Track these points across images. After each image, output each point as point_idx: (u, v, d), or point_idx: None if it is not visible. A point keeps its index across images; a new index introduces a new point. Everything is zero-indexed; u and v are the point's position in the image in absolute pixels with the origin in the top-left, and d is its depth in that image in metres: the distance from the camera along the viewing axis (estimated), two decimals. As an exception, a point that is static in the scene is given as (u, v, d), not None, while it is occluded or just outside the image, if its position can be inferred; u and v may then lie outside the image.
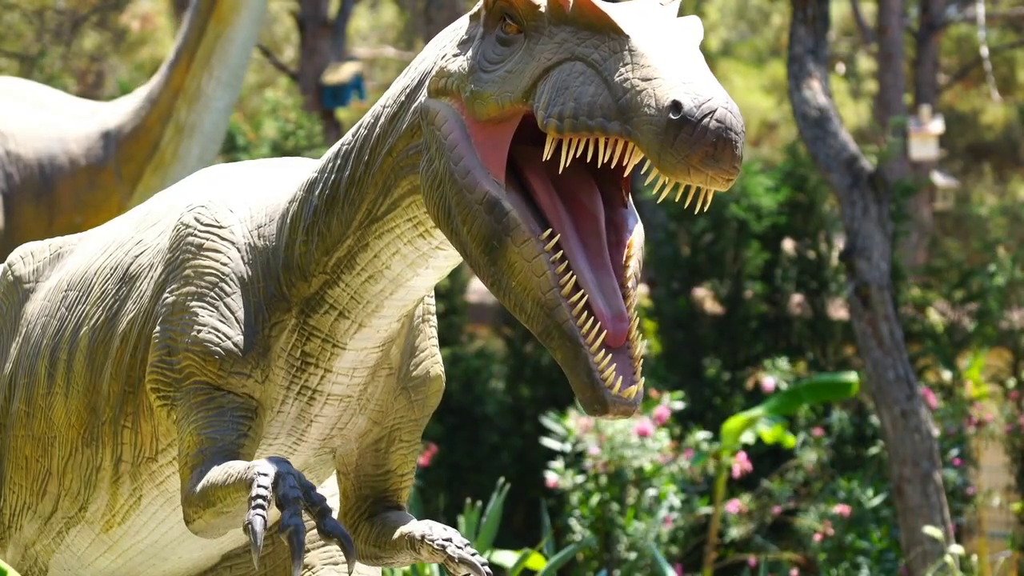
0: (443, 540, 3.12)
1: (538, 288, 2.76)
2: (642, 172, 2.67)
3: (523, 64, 2.78)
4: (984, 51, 22.95)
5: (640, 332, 2.81)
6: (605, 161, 2.68)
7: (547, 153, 2.74)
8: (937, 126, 21.16)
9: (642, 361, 2.81)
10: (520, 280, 2.77)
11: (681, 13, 2.96)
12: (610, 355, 2.74)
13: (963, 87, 27.60)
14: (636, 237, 2.86)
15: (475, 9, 2.94)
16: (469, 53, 2.89)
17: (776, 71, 26.76)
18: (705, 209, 2.70)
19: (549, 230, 2.78)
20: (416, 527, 3.18)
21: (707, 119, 2.56)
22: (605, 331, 2.74)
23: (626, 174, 2.76)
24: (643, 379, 2.80)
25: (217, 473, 3.01)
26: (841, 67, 27.46)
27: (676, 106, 2.57)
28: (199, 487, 3.04)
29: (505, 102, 2.78)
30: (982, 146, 28.21)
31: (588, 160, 2.71)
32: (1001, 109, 27.36)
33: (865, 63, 28.83)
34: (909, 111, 22.14)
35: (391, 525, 3.24)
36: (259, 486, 2.87)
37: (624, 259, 2.84)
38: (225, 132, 7.76)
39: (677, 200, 2.67)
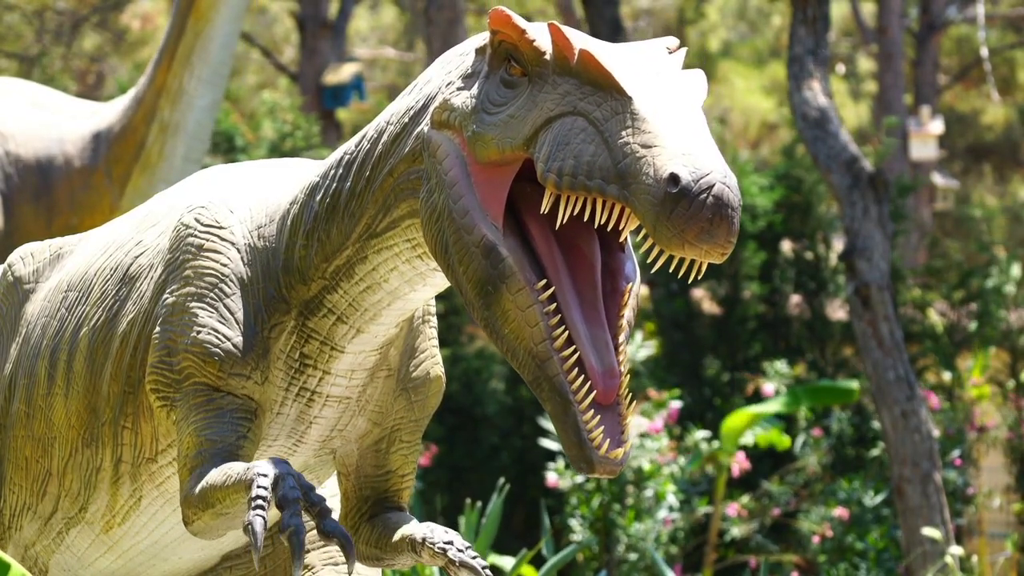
0: (444, 543, 3.10)
1: (530, 338, 2.75)
2: (638, 239, 2.65)
3: (525, 111, 2.76)
4: (984, 52, 22.95)
5: (630, 390, 2.80)
6: (602, 223, 2.67)
7: (545, 207, 2.73)
8: (937, 127, 21.17)
9: (630, 419, 2.80)
10: (513, 328, 2.77)
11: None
12: (599, 415, 2.73)
13: (963, 88, 27.61)
14: (632, 284, 2.85)
15: (481, 43, 2.91)
16: (474, 90, 2.86)
17: (776, 72, 26.76)
18: (699, 279, 2.69)
19: (544, 280, 2.77)
20: (417, 529, 3.17)
21: (704, 195, 2.55)
22: (596, 389, 2.74)
23: (621, 238, 2.74)
24: (630, 440, 2.78)
25: (216, 474, 3.01)
26: (841, 67, 27.46)
27: (674, 179, 2.55)
28: (198, 488, 3.04)
29: (506, 148, 2.77)
30: (982, 147, 28.22)
31: (585, 219, 2.69)
32: (1001, 110, 27.37)
33: (865, 63, 28.84)
34: (909, 112, 22.14)
35: (392, 526, 3.23)
36: (259, 487, 2.86)
37: (619, 309, 2.83)
38: (211, 131, 7.73)
39: (671, 270, 2.66)
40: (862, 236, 8.83)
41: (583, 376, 2.74)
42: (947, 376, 11.60)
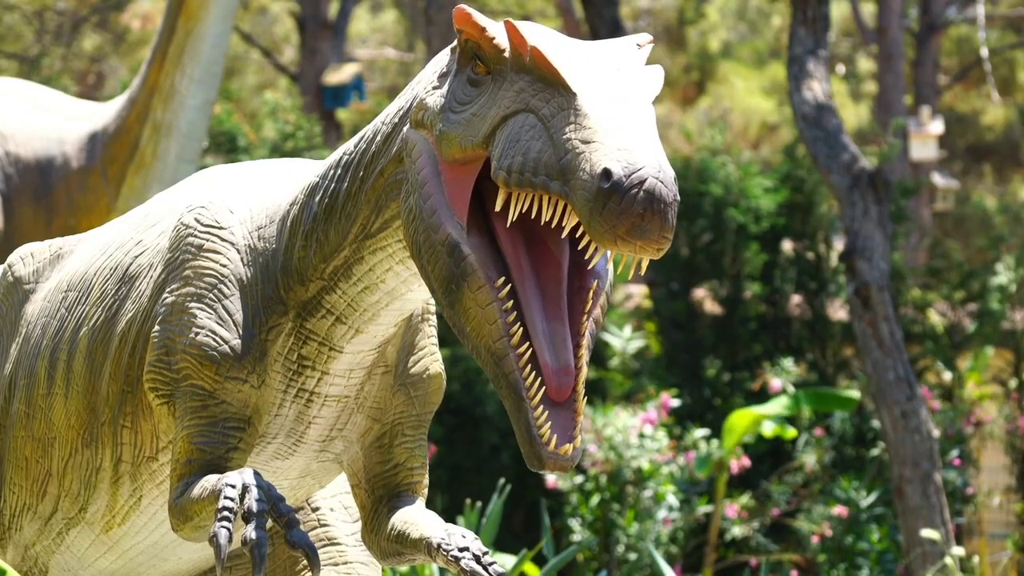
0: (458, 551, 3.07)
1: (489, 336, 2.75)
2: (576, 236, 2.65)
3: (486, 108, 2.77)
4: (984, 52, 22.95)
5: (584, 389, 2.78)
6: (547, 219, 2.67)
7: (498, 205, 2.74)
8: (937, 127, 21.16)
9: (583, 417, 2.79)
10: (474, 326, 2.77)
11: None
12: (548, 411, 2.73)
13: (963, 88, 27.61)
14: (599, 281, 2.84)
15: (454, 43, 2.93)
16: (444, 89, 2.88)
17: (776, 72, 26.76)
18: (641, 275, 2.69)
19: (503, 278, 2.77)
20: (435, 532, 3.13)
21: (635, 190, 2.54)
22: (548, 386, 2.74)
23: (563, 235, 2.72)
24: (581, 435, 2.78)
25: (196, 487, 3.04)
26: (841, 68, 27.46)
27: (607, 174, 2.55)
28: (179, 501, 3.08)
29: (467, 146, 2.78)
30: (982, 147, 28.22)
31: (532, 217, 2.70)
32: (1001, 110, 27.37)
33: (865, 64, 28.84)
34: (909, 112, 22.14)
35: (412, 523, 3.20)
36: (226, 497, 2.89)
37: (584, 306, 2.82)
38: (205, 130, 7.73)
39: (608, 266, 2.66)
40: (862, 236, 8.84)
41: (535, 373, 2.74)
42: (947, 376, 11.60)
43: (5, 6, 22.49)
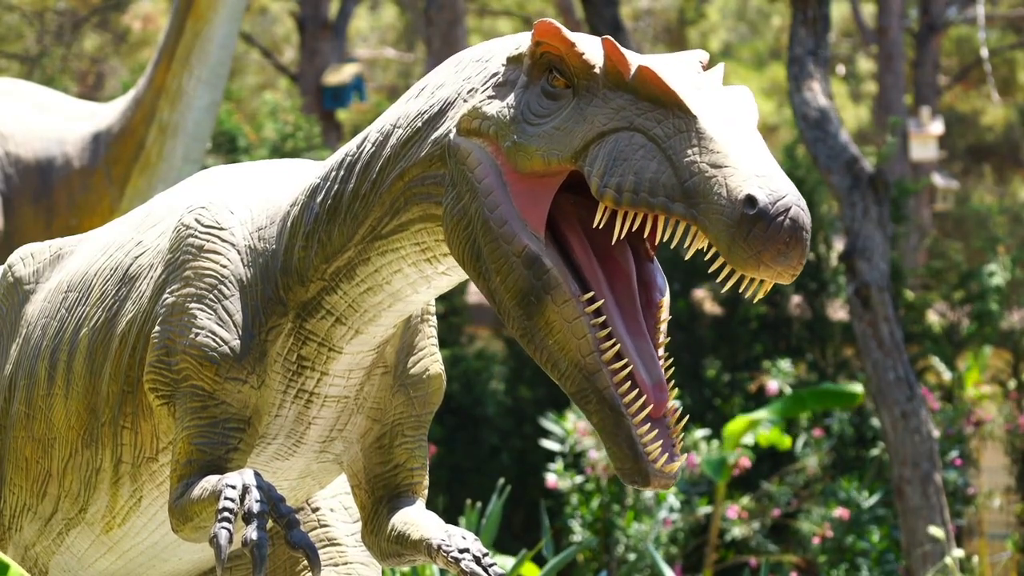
0: (458, 552, 3.07)
1: (578, 351, 2.74)
2: (706, 259, 2.65)
3: (572, 123, 2.75)
4: (984, 52, 22.96)
5: (679, 402, 2.79)
6: (664, 240, 2.66)
7: (598, 221, 2.71)
8: (937, 127, 21.17)
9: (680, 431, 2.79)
10: (558, 339, 2.75)
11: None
12: (655, 429, 2.73)
13: (963, 88, 27.61)
14: (665, 297, 2.86)
15: (514, 52, 2.90)
16: (511, 100, 2.84)
17: (776, 74, 26.76)
18: (763, 298, 2.70)
19: (591, 293, 2.76)
20: (435, 533, 3.13)
21: (782, 217, 2.56)
22: (649, 403, 2.73)
23: (687, 256, 2.72)
24: (685, 454, 2.79)
25: (195, 488, 3.04)
26: (841, 69, 27.46)
27: (751, 200, 2.56)
28: (179, 502, 3.08)
29: (553, 160, 2.75)
30: (982, 147, 28.23)
31: (645, 236, 2.69)
32: (1001, 110, 27.37)
33: (865, 64, 28.84)
34: (909, 112, 22.15)
35: (412, 523, 3.20)
36: (226, 498, 2.89)
37: (656, 322, 2.83)
38: (210, 131, 7.74)
39: (740, 291, 2.65)
40: (862, 237, 8.84)
41: (636, 389, 2.74)
42: (947, 376, 11.60)
43: (6, 6, 22.49)
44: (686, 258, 2.75)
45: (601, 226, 2.72)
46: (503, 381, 12.39)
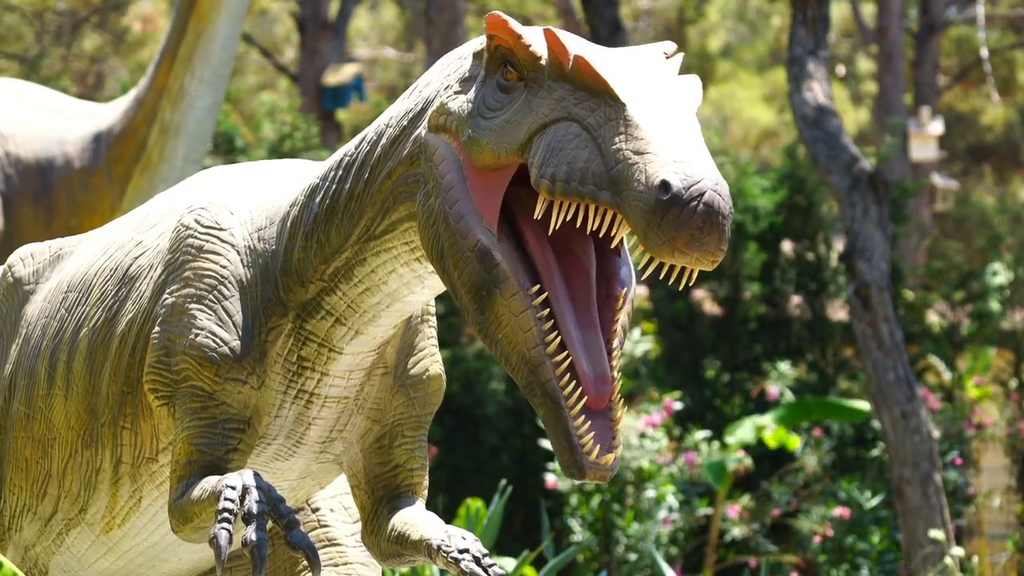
0: (458, 552, 3.07)
1: (523, 344, 2.75)
2: (628, 245, 2.65)
3: (521, 116, 2.76)
4: (984, 52, 22.96)
5: (621, 396, 2.79)
6: (594, 229, 2.67)
7: (538, 212, 2.72)
8: (937, 127, 21.17)
9: (621, 424, 2.80)
10: (506, 333, 2.77)
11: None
12: (590, 420, 2.73)
13: (963, 88, 27.62)
14: (627, 289, 2.85)
15: (479, 47, 2.91)
16: (470, 94, 2.86)
17: (776, 77, 26.77)
18: (690, 286, 2.69)
19: (538, 285, 2.77)
20: (435, 534, 3.13)
21: (695, 202, 2.55)
22: (587, 395, 2.74)
23: (613, 244, 2.73)
24: (621, 446, 2.78)
25: (195, 489, 3.04)
26: (841, 69, 27.47)
27: (665, 186, 2.55)
28: (179, 502, 3.08)
29: (501, 153, 2.77)
30: (982, 147, 28.23)
31: (577, 225, 2.69)
32: (1001, 110, 27.38)
33: (865, 64, 28.85)
34: (909, 112, 22.16)
35: (412, 524, 3.20)
36: (226, 499, 2.89)
37: (614, 314, 2.82)
38: (212, 131, 7.74)
39: (661, 277, 2.65)
40: (862, 237, 8.84)
41: (575, 381, 2.74)
42: (947, 377, 11.61)
43: (5, 6, 22.49)
44: (613, 246, 2.75)
45: (539, 216, 2.73)
46: (503, 381, 12.39)
